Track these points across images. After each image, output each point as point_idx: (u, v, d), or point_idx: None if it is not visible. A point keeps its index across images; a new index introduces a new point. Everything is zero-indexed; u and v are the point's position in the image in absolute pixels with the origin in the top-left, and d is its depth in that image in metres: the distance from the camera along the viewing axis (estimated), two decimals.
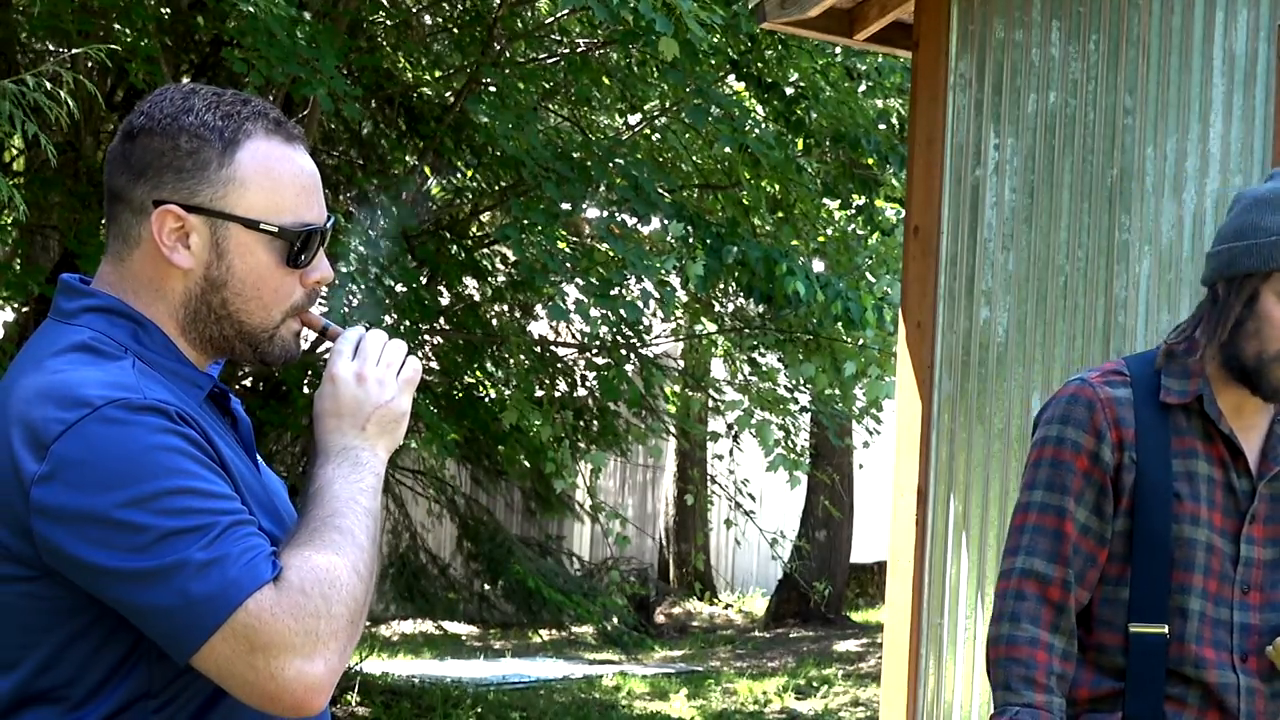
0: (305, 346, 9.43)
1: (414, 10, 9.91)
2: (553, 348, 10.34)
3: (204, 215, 2.09)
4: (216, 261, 2.10)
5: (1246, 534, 2.93)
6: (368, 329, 2.21)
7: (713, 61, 9.57)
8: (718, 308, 11.58)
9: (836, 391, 10.82)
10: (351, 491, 2.08)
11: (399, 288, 8.36)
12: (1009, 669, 2.86)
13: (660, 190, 8.87)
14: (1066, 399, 2.94)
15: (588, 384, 10.27)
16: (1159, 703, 2.89)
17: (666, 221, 9.05)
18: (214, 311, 2.11)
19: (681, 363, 12.17)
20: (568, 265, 8.52)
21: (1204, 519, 2.90)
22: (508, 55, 9.49)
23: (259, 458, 2.24)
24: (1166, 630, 2.89)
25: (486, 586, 12.63)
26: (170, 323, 2.11)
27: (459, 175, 10.37)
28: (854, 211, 10.59)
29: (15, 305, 8.93)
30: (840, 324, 9.50)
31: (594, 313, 8.53)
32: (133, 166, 2.10)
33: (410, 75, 10.17)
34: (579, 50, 9.83)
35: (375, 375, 2.16)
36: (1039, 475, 2.94)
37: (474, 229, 10.56)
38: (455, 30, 9.97)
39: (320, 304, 9.05)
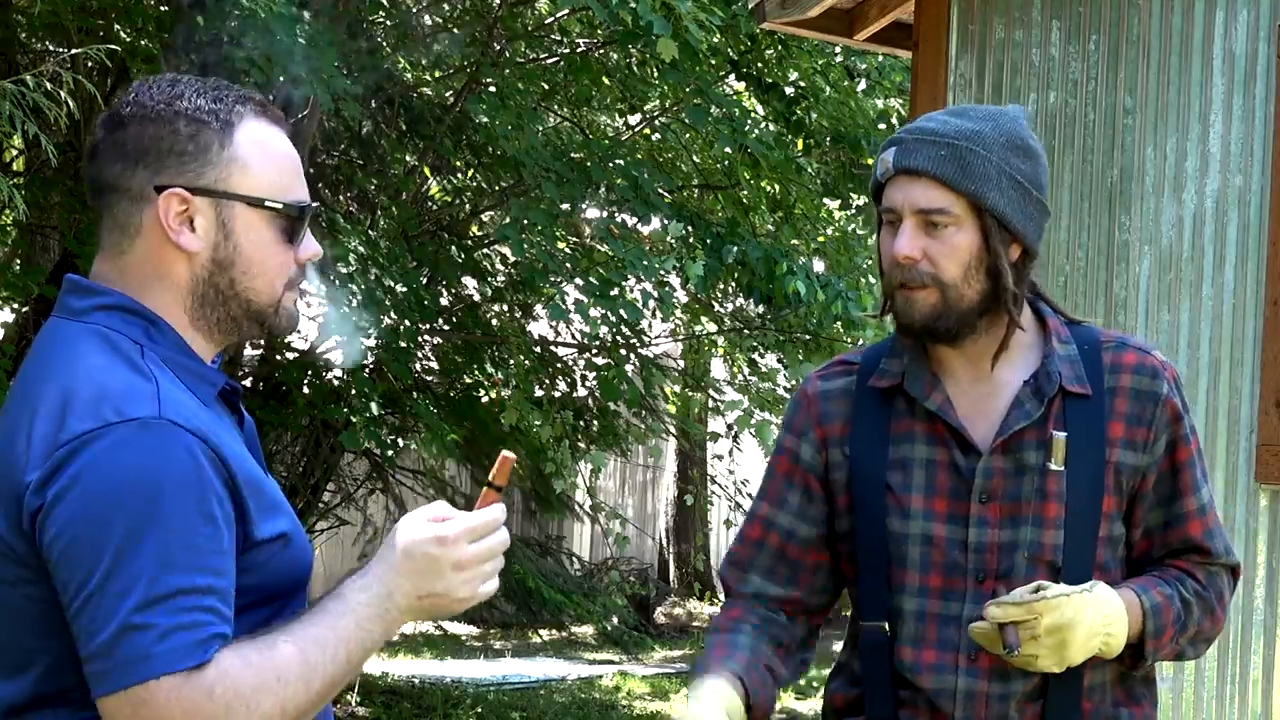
0: (305, 346, 9.27)
1: (414, 10, 9.90)
2: (553, 348, 10.34)
3: (210, 197, 2.10)
4: (224, 242, 2.12)
5: (977, 516, 2.63)
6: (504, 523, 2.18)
7: (712, 62, 9.57)
8: (718, 308, 11.58)
9: None
10: (359, 617, 2.06)
11: (399, 288, 8.35)
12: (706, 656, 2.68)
13: (660, 191, 8.86)
14: (789, 399, 2.79)
15: (588, 384, 10.26)
16: (892, 706, 2.67)
17: (666, 222, 9.05)
18: (221, 293, 2.13)
19: (681, 363, 12.17)
20: (567, 265, 8.52)
21: (917, 509, 2.64)
22: (508, 55, 9.49)
23: (264, 464, 2.24)
24: (887, 626, 2.66)
25: None
26: (177, 312, 2.12)
27: (459, 175, 10.36)
28: (854, 211, 10.59)
29: (15, 306, 8.93)
30: (840, 324, 9.49)
31: (594, 313, 8.53)
32: (128, 154, 2.10)
33: (410, 75, 10.17)
34: (579, 50, 9.83)
35: (468, 574, 2.12)
36: (762, 480, 2.83)
37: (474, 229, 10.56)
38: (455, 30, 9.96)
39: (320, 304, 9.06)
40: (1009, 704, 2.61)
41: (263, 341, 9.38)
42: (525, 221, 8.35)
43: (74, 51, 6.32)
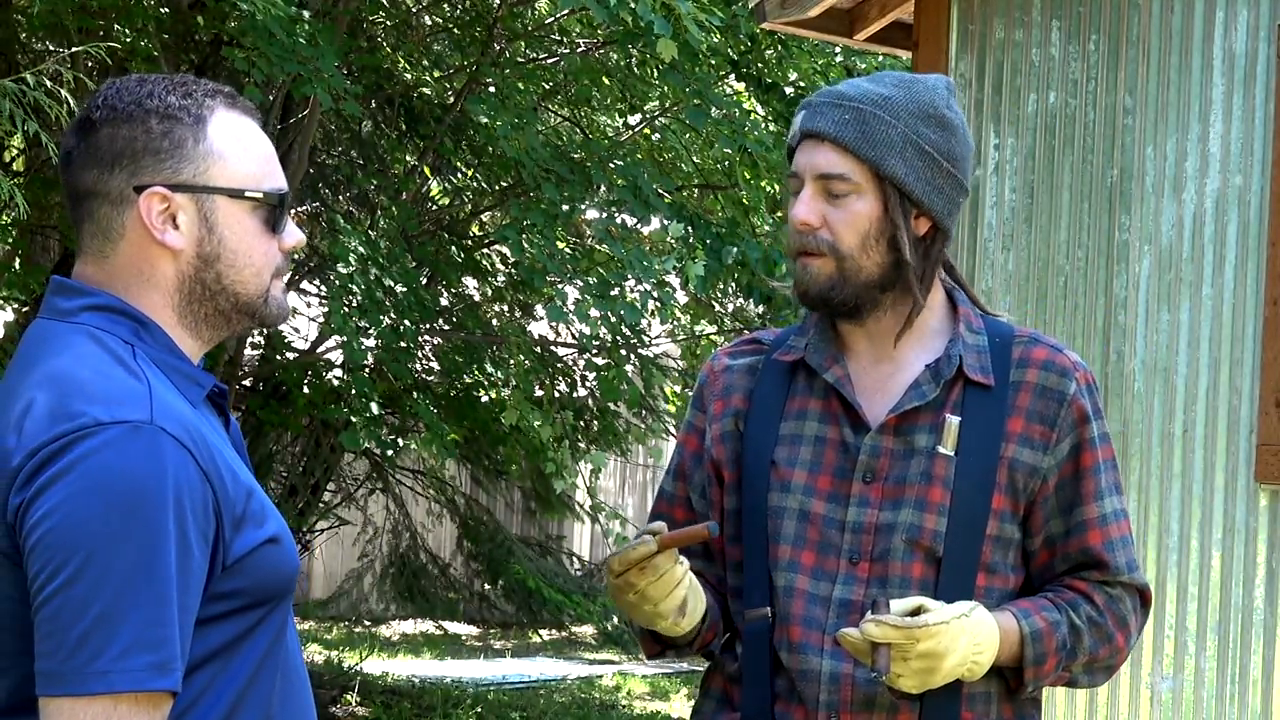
0: (305, 346, 9.28)
1: (414, 10, 9.90)
2: (553, 348, 10.34)
3: (190, 192, 2.09)
4: (208, 236, 2.10)
5: (859, 495, 2.52)
6: None
7: (712, 62, 9.57)
8: (718, 308, 11.58)
9: None
10: None
11: (399, 288, 8.36)
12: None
13: (659, 191, 8.86)
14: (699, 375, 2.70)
15: (588, 384, 10.26)
16: (767, 698, 2.54)
17: (667, 222, 9.05)
18: (209, 288, 2.11)
19: (682, 363, 12.16)
20: (567, 266, 8.52)
21: (799, 484, 2.54)
22: (508, 55, 9.49)
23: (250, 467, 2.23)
24: (769, 611, 2.53)
25: (486, 586, 12.62)
26: (166, 313, 2.11)
27: (459, 175, 10.36)
28: None
29: (15, 306, 8.93)
30: None
31: (593, 313, 8.53)
32: (103, 158, 2.09)
33: (410, 75, 10.17)
34: (579, 50, 9.83)
35: None
36: (672, 457, 2.72)
37: (474, 229, 10.56)
38: (455, 30, 9.96)
39: (320, 304, 9.06)
40: (875, 686, 2.47)
41: (263, 341, 9.39)
42: (525, 222, 8.36)
43: (74, 50, 6.32)
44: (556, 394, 10.05)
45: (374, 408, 8.31)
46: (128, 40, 8.12)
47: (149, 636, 1.92)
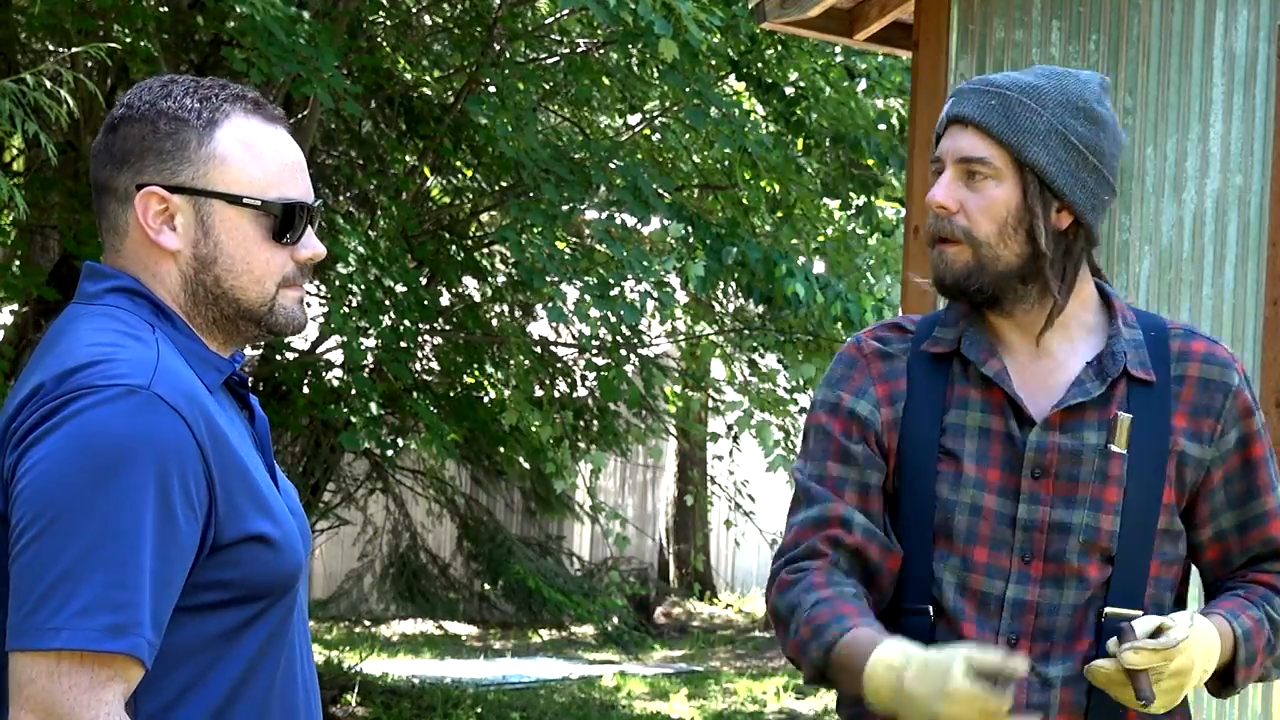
0: (305, 346, 9.25)
1: (414, 10, 9.90)
2: (552, 348, 10.34)
3: (187, 194, 2.09)
4: (204, 239, 2.10)
5: (1029, 492, 2.46)
6: None
7: (713, 62, 9.57)
8: (717, 308, 11.58)
9: None
10: None
11: (399, 288, 8.36)
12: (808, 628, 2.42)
13: (659, 192, 8.86)
14: (835, 358, 2.60)
15: (588, 384, 10.26)
16: None
17: (667, 222, 9.05)
18: (209, 291, 2.11)
19: (682, 363, 12.17)
20: (567, 266, 8.52)
21: (971, 477, 2.46)
22: (508, 55, 9.49)
23: (274, 462, 2.22)
24: (930, 610, 2.46)
25: (486, 586, 12.61)
26: (175, 309, 2.12)
27: (459, 175, 10.36)
28: (854, 212, 10.59)
29: (13, 310, 8.93)
30: (840, 325, 9.49)
31: (593, 313, 8.53)
32: (115, 156, 2.11)
33: (410, 75, 10.17)
34: (579, 50, 9.83)
35: None
36: (806, 445, 2.57)
37: (474, 229, 10.56)
38: (455, 30, 9.96)
39: (320, 304, 9.06)
40: (1050, 691, 2.44)
41: (263, 341, 9.38)
42: (525, 222, 8.36)
43: (74, 51, 6.32)
44: (556, 394, 10.06)
45: (374, 408, 8.31)
46: (128, 40, 8.11)
47: (112, 597, 1.91)
